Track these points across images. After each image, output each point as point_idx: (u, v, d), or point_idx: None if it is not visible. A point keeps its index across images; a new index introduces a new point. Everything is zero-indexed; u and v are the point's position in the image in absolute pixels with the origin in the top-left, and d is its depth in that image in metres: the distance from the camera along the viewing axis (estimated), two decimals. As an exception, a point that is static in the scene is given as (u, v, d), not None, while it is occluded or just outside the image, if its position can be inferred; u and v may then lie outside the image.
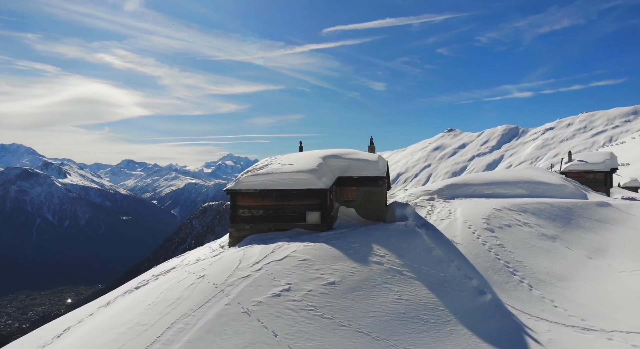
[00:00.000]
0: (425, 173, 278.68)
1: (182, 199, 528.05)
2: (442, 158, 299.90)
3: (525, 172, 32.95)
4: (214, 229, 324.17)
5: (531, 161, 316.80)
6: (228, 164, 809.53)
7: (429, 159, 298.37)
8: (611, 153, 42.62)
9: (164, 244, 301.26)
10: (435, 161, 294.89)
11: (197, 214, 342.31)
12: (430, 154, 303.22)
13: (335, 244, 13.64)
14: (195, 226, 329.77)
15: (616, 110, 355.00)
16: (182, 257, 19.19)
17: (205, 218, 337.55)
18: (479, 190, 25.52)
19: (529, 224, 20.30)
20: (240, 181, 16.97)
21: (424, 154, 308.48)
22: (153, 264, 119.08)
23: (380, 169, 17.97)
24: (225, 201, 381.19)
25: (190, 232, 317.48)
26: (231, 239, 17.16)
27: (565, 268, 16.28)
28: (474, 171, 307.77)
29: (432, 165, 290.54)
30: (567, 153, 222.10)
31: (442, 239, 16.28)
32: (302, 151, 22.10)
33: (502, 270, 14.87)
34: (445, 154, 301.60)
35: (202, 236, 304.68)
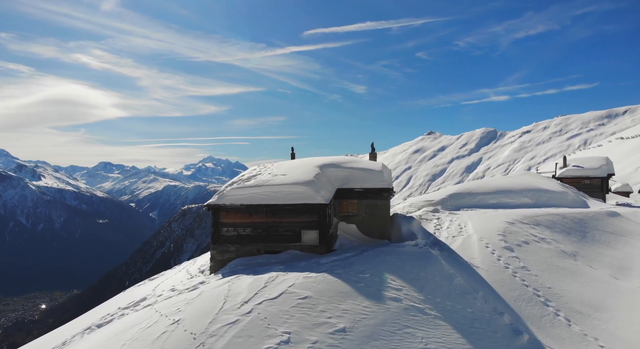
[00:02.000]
0: (406, 175, 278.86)
1: (161, 202, 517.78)
2: (422, 160, 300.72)
3: (526, 179, 31.19)
4: (194, 233, 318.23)
5: (509, 164, 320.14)
6: (208, 166, 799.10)
7: (409, 162, 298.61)
8: (607, 158, 41.41)
9: (142, 248, 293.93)
10: (415, 163, 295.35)
11: (177, 218, 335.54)
12: (411, 157, 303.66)
13: (341, 275, 11.28)
14: (175, 230, 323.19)
15: (590, 113, 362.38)
16: (155, 282, 16.56)
17: (185, 221, 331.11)
18: (484, 200, 23.53)
19: (546, 239, 18.33)
20: (225, 195, 14.47)
21: (405, 157, 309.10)
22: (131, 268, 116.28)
23: (386, 180, 15.71)
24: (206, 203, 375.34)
25: (169, 236, 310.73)
26: (213, 263, 14.64)
27: (596, 294, 14.30)
28: (453, 173, 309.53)
29: (413, 167, 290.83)
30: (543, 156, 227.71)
31: (460, 262, 14.09)
32: (294, 158, 19.69)
33: (533, 300, 12.76)
34: (425, 157, 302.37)
35: (181, 240, 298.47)
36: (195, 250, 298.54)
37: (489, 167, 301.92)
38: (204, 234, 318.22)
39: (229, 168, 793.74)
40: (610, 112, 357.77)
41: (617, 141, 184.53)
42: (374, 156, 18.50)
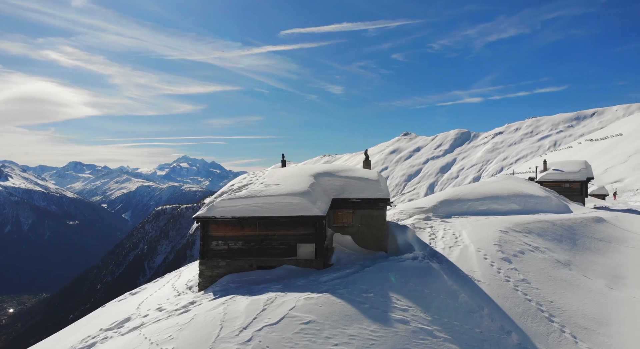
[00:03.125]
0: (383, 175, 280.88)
1: (133, 203, 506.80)
2: (399, 161, 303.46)
3: (510, 183, 31.22)
4: (168, 234, 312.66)
5: (482, 164, 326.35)
6: (183, 166, 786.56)
7: (386, 162, 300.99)
8: (585, 162, 42.04)
9: (115, 249, 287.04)
10: (392, 164, 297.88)
11: (150, 219, 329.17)
12: (387, 157, 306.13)
13: (344, 296, 10.62)
14: (148, 231, 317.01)
15: (560, 115, 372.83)
16: (138, 298, 15.55)
17: (159, 223, 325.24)
18: (474, 206, 23.29)
19: (540, 248, 18.12)
20: (215, 206, 13.63)
21: (382, 157, 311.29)
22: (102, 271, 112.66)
23: (383, 190, 15.13)
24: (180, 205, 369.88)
25: (142, 238, 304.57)
26: (202, 280, 13.77)
27: (596, 306, 14.06)
28: (428, 173, 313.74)
29: (389, 167, 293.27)
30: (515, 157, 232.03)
31: (461, 276, 13.63)
32: (285, 165, 18.92)
33: (537, 316, 12.39)
34: (402, 157, 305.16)
35: (155, 242, 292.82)
36: (170, 252, 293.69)
37: (463, 168, 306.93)
38: (179, 235, 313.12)
39: (205, 168, 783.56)
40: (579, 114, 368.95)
41: (587, 143, 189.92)
42: (369, 164, 17.93)
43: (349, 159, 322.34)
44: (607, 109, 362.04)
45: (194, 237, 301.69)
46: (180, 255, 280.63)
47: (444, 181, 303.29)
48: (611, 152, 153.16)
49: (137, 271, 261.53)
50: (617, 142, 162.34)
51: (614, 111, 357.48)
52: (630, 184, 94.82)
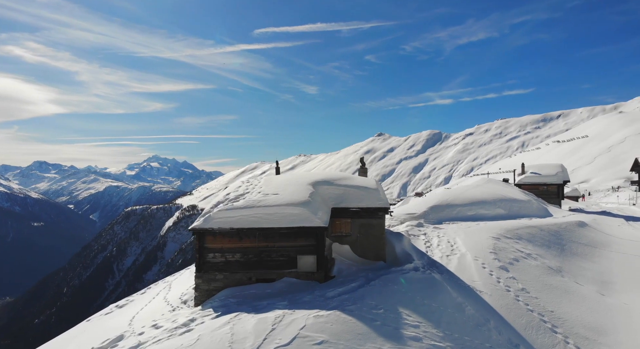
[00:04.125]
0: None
1: (102, 204, 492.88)
2: (373, 161, 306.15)
3: (492, 187, 31.62)
4: (138, 236, 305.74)
5: (453, 164, 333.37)
6: (154, 166, 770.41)
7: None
8: (562, 165, 43.10)
9: (82, 252, 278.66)
10: (366, 164, 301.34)
11: (120, 220, 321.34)
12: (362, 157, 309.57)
13: (354, 313, 10.29)
14: (118, 232, 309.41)
15: (527, 117, 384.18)
16: (127, 312, 14.82)
17: (129, 224, 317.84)
18: (462, 212, 23.41)
19: (532, 255, 18.29)
20: (212, 218, 13.08)
21: (356, 157, 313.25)
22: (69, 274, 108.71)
23: (382, 199, 14.89)
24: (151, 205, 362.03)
25: (111, 239, 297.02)
26: (198, 294, 13.20)
27: (593, 315, 14.22)
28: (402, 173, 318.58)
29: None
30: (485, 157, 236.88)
31: (463, 287, 13.53)
32: (279, 172, 18.46)
33: (541, 327, 12.39)
34: (376, 157, 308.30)
35: (124, 243, 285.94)
36: (140, 253, 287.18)
37: (435, 168, 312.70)
38: (149, 237, 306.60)
39: (176, 168, 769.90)
40: (546, 116, 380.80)
41: (554, 144, 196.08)
42: (365, 172, 17.67)
43: (324, 159, 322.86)
44: (572, 111, 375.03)
45: (165, 239, 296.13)
46: (150, 257, 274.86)
47: (417, 180, 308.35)
48: (577, 153, 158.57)
49: (106, 274, 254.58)
50: (583, 143, 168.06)
51: (579, 113, 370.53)
52: (597, 184, 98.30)
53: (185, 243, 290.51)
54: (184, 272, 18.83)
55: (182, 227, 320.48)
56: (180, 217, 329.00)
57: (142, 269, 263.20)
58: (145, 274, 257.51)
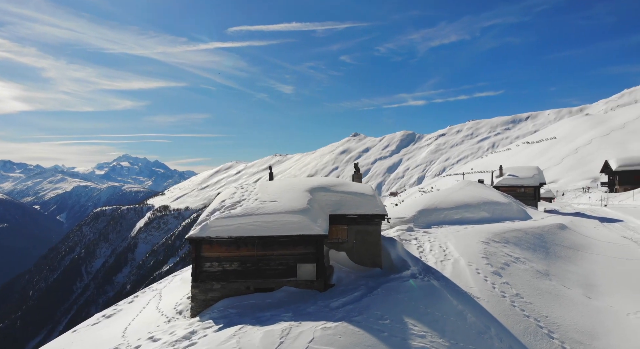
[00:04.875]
0: (334, 175, 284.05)
1: (69, 204, 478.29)
2: (349, 161, 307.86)
3: (474, 190, 32.13)
4: (108, 237, 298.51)
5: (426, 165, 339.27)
6: (124, 165, 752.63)
7: (336, 162, 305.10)
8: (538, 168, 44.21)
9: (49, 254, 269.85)
10: (342, 164, 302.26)
11: (88, 221, 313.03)
12: (338, 157, 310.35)
13: (361, 324, 10.18)
14: (86, 234, 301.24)
15: (498, 119, 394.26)
16: (117, 322, 14.30)
17: (98, 225, 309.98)
18: (449, 215, 23.68)
19: (520, 259, 18.62)
20: (209, 226, 12.75)
21: (332, 157, 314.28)
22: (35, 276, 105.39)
23: (379, 206, 14.85)
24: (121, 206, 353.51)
25: (79, 241, 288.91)
26: (195, 304, 12.84)
27: (584, 318, 14.54)
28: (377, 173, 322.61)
29: (340, 167, 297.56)
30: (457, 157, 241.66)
31: (461, 293, 13.61)
32: (272, 178, 18.18)
33: (538, 333, 12.57)
34: (351, 157, 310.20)
35: (93, 245, 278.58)
36: (110, 255, 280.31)
37: (408, 168, 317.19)
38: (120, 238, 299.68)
39: (147, 167, 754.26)
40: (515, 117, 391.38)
41: (524, 145, 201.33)
42: (360, 177, 17.61)
43: (300, 158, 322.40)
44: (540, 113, 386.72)
45: (135, 240, 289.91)
46: (121, 258, 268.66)
47: (391, 180, 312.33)
48: (546, 154, 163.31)
49: (74, 276, 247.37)
50: (551, 145, 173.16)
51: (547, 114, 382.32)
52: (565, 184, 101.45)
53: (157, 244, 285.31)
54: (174, 279, 18.35)
55: (154, 228, 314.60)
56: (151, 218, 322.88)
57: (112, 271, 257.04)
58: (116, 277, 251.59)
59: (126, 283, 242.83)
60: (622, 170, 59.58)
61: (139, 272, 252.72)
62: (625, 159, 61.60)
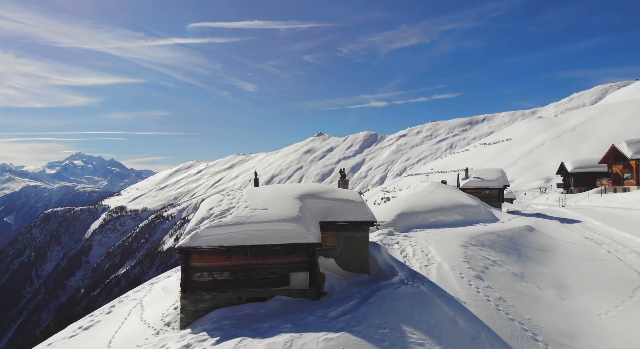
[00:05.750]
0: (298, 175, 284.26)
1: (18, 205, 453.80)
2: (313, 161, 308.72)
3: (445, 192, 32.94)
4: (60, 239, 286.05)
5: (388, 165, 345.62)
6: (77, 164, 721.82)
7: (301, 162, 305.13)
8: (501, 170, 45.83)
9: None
10: (306, 164, 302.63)
11: (38, 222, 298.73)
12: (302, 157, 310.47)
13: (362, 334, 10.18)
14: (36, 236, 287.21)
15: (455, 120, 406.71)
16: (99, 336, 13.68)
17: (49, 227, 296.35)
18: (426, 218, 24.17)
19: (497, 262, 19.23)
20: (199, 235, 12.41)
21: (297, 157, 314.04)
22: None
23: (369, 212, 14.93)
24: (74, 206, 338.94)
25: (29, 243, 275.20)
26: (184, 315, 12.47)
27: (562, 320, 15.13)
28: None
29: (304, 167, 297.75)
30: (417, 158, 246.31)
31: (449, 298, 13.89)
32: (257, 184, 17.91)
33: (524, 336, 13.01)
34: (316, 157, 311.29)
35: (44, 247, 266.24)
36: (62, 258, 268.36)
37: (371, 168, 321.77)
38: (72, 240, 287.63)
39: (102, 166, 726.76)
40: (472, 119, 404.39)
41: (481, 147, 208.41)
42: (346, 183, 17.64)
43: (264, 158, 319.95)
44: (495, 115, 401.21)
45: (90, 242, 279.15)
46: (74, 261, 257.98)
47: (355, 180, 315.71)
48: (502, 155, 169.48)
49: (23, 281, 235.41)
50: (507, 146, 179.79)
51: (502, 117, 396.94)
52: (520, 185, 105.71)
53: (113, 246, 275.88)
54: (153, 288, 17.74)
55: (110, 229, 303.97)
56: (107, 219, 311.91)
57: (64, 275, 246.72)
58: (68, 281, 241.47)
59: (80, 286, 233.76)
60: (577, 172, 62.73)
61: (93, 275, 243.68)
62: (580, 161, 64.88)
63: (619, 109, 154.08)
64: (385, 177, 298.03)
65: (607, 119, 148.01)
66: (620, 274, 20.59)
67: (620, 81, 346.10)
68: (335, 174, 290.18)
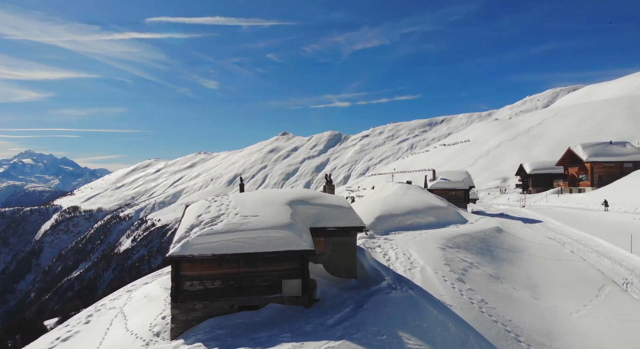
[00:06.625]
0: (262, 174, 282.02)
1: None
2: (277, 160, 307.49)
3: (417, 194, 33.61)
4: (8, 241, 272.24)
5: (351, 164, 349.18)
6: (26, 162, 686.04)
7: (265, 161, 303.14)
8: (467, 172, 47.22)
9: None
10: (271, 163, 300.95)
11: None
12: (267, 156, 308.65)
13: (361, 341, 10.26)
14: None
15: (416, 121, 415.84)
16: (86, 347, 13.13)
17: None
18: (402, 221, 24.61)
19: (473, 263, 19.83)
20: (190, 243, 12.14)
21: (261, 156, 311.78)
22: None
23: (357, 218, 15.06)
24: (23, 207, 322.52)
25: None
26: (175, 325, 12.17)
27: (540, 320, 15.76)
28: (305, 172, 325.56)
29: (268, 166, 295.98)
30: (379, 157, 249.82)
31: (435, 302, 14.20)
32: (243, 189, 17.65)
33: (508, 338, 13.49)
34: (280, 156, 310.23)
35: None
36: (11, 261, 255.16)
37: (335, 167, 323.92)
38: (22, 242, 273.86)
39: (54, 165, 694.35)
40: (431, 120, 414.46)
41: (441, 147, 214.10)
42: (332, 189, 17.69)
43: (226, 157, 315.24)
44: (454, 116, 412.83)
45: (40, 244, 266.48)
46: (24, 264, 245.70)
47: (319, 179, 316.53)
48: (461, 156, 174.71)
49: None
50: (465, 147, 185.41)
51: (459, 118, 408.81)
52: (478, 184, 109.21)
53: (65, 248, 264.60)
54: (134, 296, 17.14)
55: (62, 230, 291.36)
56: (59, 220, 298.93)
57: (13, 278, 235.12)
58: (17, 284, 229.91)
59: (30, 290, 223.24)
60: (535, 173, 65.57)
61: (44, 278, 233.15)
62: (538, 163, 67.83)
63: (569, 112, 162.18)
64: (349, 177, 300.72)
65: (558, 122, 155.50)
66: (585, 273, 21.69)
67: (570, 85, 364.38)
68: (299, 174, 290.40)
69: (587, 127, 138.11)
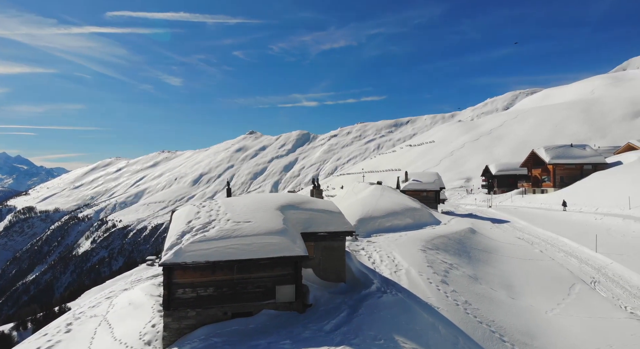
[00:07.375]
0: (229, 173, 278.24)
1: None
2: (245, 159, 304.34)
3: (392, 196, 34.13)
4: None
5: (320, 164, 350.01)
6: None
7: (232, 160, 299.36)
8: (437, 174, 48.29)
9: None
10: (238, 162, 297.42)
11: None
12: (233, 155, 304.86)
13: (360, 346, 10.37)
14: None
15: (382, 122, 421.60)
16: None
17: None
18: (382, 223, 24.96)
19: (453, 265, 20.36)
20: (183, 250, 11.94)
21: (227, 155, 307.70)
22: None
23: (347, 223, 15.19)
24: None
25: None
26: (168, 334, 11.95)
27: (520, 320, 16.27)
28: (273, 172, 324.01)
29: (235, 165, 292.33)
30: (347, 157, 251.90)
31: (423, 305, 14.52)
32: (230, 194, 17.43)
33: (493, 338, 13.95)
34: (248, 155, 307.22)
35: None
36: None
37: (304, 167, 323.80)
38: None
39: (7, 163, 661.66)
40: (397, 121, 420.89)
41: (407, 148, 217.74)
42: (320, 193, 17.73)
43: (191, 156, 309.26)
44: (418, 118, 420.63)
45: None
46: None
47: (287, 179, 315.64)
48: (426, 156, 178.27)
49: None
50: (430, 148, 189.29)
51: (424, 119, 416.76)
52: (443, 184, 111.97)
53: (20, 251, 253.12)
54: (117, 303, 16.63)
55: (16, 232, 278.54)
56: (13, 221, 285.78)
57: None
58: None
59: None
60: (500, 174, 67.78)
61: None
62: (503, 164, 70.11)
63: (528, 114, 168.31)
64: (318, 176, 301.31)
65: (519, 124, 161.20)
66: (555, 272, 22.64)
67: (529, 88, 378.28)
68: (267, 173, 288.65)
69: (546, 129, 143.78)
